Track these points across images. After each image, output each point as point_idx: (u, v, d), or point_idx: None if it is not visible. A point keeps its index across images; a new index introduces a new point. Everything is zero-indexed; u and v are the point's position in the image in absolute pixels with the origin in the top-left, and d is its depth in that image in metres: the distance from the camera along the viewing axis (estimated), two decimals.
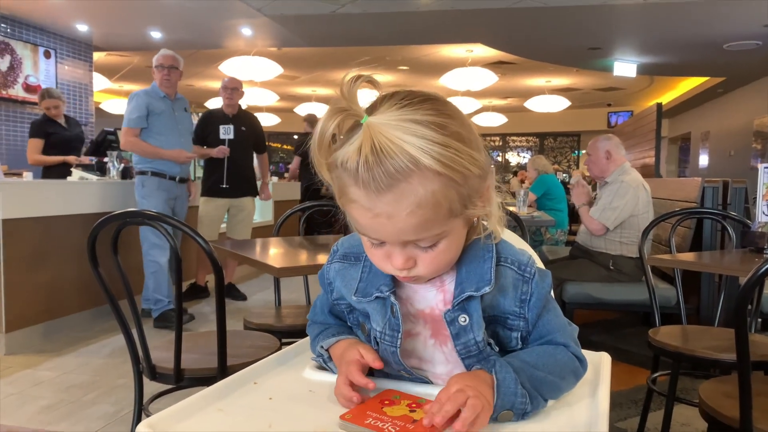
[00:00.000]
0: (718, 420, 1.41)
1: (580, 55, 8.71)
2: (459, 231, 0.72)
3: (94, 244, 1.59)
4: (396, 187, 0.63)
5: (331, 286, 0.84)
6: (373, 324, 0.78)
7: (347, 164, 0.65)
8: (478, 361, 0.75)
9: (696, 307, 3.28)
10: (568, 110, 12.29)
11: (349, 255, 0.82)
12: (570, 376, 0.76)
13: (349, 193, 0.66)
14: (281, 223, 2.62)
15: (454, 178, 0.65)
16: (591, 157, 3.45)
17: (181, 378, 1.67)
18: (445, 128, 0.65)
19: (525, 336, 0.78)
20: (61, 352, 3.31)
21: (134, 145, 3.88)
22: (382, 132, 0.63)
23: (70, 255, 3.70)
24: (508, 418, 0.69)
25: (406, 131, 0.63)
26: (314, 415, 0.70)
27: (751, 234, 2.28)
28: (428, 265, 0.71)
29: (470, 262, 0.76)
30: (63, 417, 2.44)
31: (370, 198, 0.65)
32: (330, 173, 0.69)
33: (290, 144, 19.31)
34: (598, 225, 3.22)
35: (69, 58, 7.67)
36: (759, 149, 9.61)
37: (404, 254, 0.70)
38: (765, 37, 7.27)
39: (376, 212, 0.65)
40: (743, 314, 1.27)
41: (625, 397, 2.71)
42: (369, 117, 0.65)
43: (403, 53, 9.14)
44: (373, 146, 0.63)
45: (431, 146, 0.63)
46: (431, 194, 0.64)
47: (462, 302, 0.74)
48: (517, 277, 0.76)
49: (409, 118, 0.64)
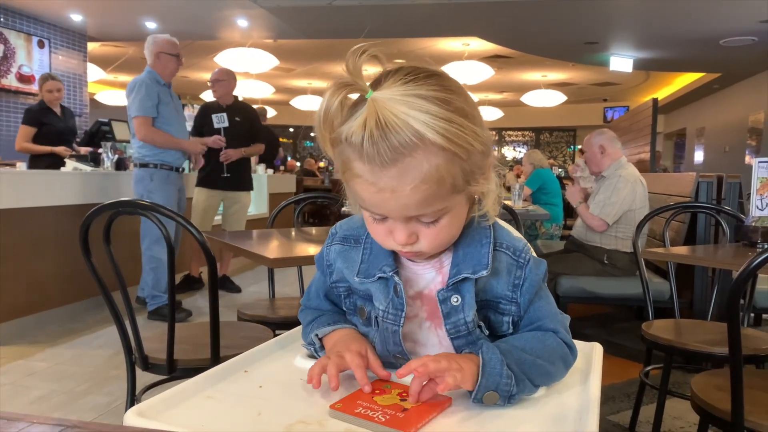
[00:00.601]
0: (709, 413, 1.41)
1: (576, 50, 8.71)
2: (461, 207, 0.72)
3: (86, 234, 1.58)
4: (400, 162, 0.64)
5: (331, 268, 0.84)
6: (375, 303, 0.78)
7: (351, 138, 0.65)
8: (467, 343, 0.76)
9: (689, 301, 3.29)
10: (564, 105, 12.30)
11: (348, 237, 0.83)
12: (559, 362, 0.76)
13: (353, 168, 0.67)
14: (276, 215, 2.62)
15: (458, 154, 0.65)
16: (587, 153, 3.45)
17: (174, 369, 1.67)
18: (450, 104, 0.65)
19: (516, 321, 0.78)
20: (54, 343, 3.30)
21: (154, 134, 3.70)
22: (387, 107, 0.63)
23: (64, 245, 3.68)
24: (493, 400, 0.68)
25: (411, 106, 0.63)
26: (304, 403, 0.69)
27: (745, 228, 2.28)
28: (431, 240, 0.72)
29: (468, 245, 0.76)
30: (55, 408, 2.44)
31: (374, 172, 0.65)
32: (333, 148, 0.69)
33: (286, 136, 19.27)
34: (600, 221, 3.21)
35: (63, 48, 7.62)
36: (753, 145, 9.64)
37: (407, 230, 0.70)
38: (761, 33, 7.28)
39: (380, 186, 0.66)
40: (736, 308, 1.27)
41: (618, 390, 2.72)
42: (374, 92, 0.65)
43: (399, 46, 9.11)
44: (377, 121, 0.63)
45: (436, 121, 0.63)
46: (435, 169, 0.65)
47: (456, 283, 0.75)
48: (512, 262, 0.77)
49: (414, 93, 0.64)
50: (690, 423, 2.34)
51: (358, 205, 0.73)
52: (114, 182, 4.15)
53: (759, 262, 1.24)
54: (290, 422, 0.63)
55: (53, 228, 3.63)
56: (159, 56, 3.81)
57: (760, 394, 1.43)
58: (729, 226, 2.46)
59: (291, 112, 15.00)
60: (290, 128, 19.06)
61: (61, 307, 3.72)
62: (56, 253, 3.66)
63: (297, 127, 18.99)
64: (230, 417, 0.65)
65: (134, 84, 3.73)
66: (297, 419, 0.64)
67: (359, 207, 0.74)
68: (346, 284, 0.82)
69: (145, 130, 3.69)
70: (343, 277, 0.82)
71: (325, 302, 0.87)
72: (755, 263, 1.24)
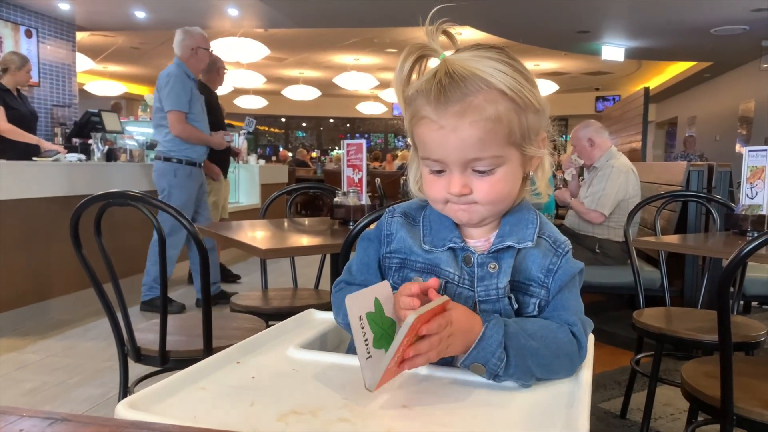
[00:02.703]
0: (699, 399, 1.43)
1: (568, 39, 8.70)
2: (515, 165, 0.78)
3: (77, 226, 1.57)
4: (464, 101, 0.72)
5: (391, 237, 0.85)
6: (447, 270, 0.80)
7: (422, 87, 0.74)
8: (493, 310, 0.78)
9: (680, 290, 3.32)
10: (557, 94, 12.28)
11: (408, 214, 0.86)
12: (565, 358, 0.76)
13: (420, 111, 0.75)
14: (268, 206, 2.61)
15: (517, 102, 0.73)
16: (576, 147, 3.44)
17: (167, 360, 1.66)
18: (512, 66, 0.74)
19: (543, 306, 0.81)
20: (46, 335, 3.29)
21: (191, 131, 3.72)
22: (457, 62, 0.73)
23: (55, 237, 3.66)
24: (479, 372, 0.71)
25: (478, 62, 0.73)
26: (297, 393, 0.69)
27: (735, 217, 2.30)
28: (485, 193, 0.76)
29: (515, 223, 0.81)
30: (47, 400, 2.43)
31: (438, 111, 0.73)
32: (406, 105, 0.77)
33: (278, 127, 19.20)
34: (597, 214, 3.21)
35: (51, 38, 7.53)
36: (744, 134, 9.69)
37: (462, 179, 0.76)
38: (752, 22, 7.29)
39: (441, 124, 0.73)
40: (725, 296, 1.28)
41: (609, 378, 2.74)
42: (446, 55, 0.75)
43: (391, 35, 9.07)
44: (447, 70, 0.72)
45: (499, 73, 0.72)
46: (495, 110, 0.72)
47: (497, 251, 0.79)
48: (550, 249, 0.81)
49: (482, 54, 0.74)
50: (680, 410, 2.36)
51: (420, 159, 0.79)
52: (106, 173, 4.12)
53: (748, 251, 1.25)
54: (283, 412, 0.63)
55: (44, 220, 3.61)
56: (197, 51, 3.81)
57: (749, 380, 1.44)
58: (719, 214, 2.47)
59: (283, 101, 14.93)
60: (282, 118, 18.99)
61: (52, 299, 3.70)
62: (48, 245, 3.64)
63: (289, 117, 18.92)
64: (223, 408, 0.65)
65: (168, 77, 3.69)
66: (290, 409, 0.64)
67: (421, 160, 0.79)
68: (403, 256, 0.84)
69: (181, 126, 3.69)
70: (404, 247, 0.83)
71: (375, 275, 0.86)
72: (745, 251, 1.25)
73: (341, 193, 2.32)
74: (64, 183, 3.77)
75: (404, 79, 0.77)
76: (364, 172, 2.36)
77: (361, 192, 2.33)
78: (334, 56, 11.21)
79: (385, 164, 12.03)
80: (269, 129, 19.19)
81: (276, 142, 19.28)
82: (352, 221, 2.20)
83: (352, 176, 2.37)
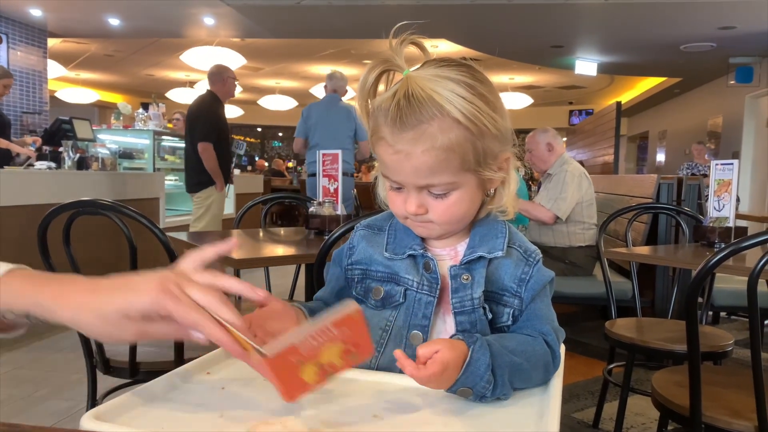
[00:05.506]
0: (669, 409, 1.45)
1: (542, 53, 8.84)
2: (471, 189, 0.78)
3: (44, 235, 1.54)
4: (418, 128, 0.72)
5: (353, 250, 0.86)
6: (407, 277, 0.81)
7: (382, 105, 0.75)
8: (469, 321, 0.79)
9: (651, 300, 3.36)
10: (531, 108, 12.44)
11: (372, 225, 0.88)
12: (542, 369, 0.76)
13: (379, 131, 0.76)
14: (242, 215, 2.59)
15: (472, 131, 0.73)
16: (533, 152, 3.39)
17: (137, 372, 1.63)
18: (473, 88, 0.74)
19: (516, 315, 0.81)
20: (12, 347, 3.20)
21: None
22: (417, 83, 0.73)
23: (22, 246, 3.57)
24: (466, 394, 0.70)
25: (438, 84, 0.72)
26: (267, 404, 0.69)
27: (703, 229, 2.35)
28: (439, 214, 0.78)
29: (484, 234, 0.82)
30: (14, 413, 2.37)
31: (394, 135, 0.74)
32: (368, 117, 0.79)
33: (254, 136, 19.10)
34: (549, 213, 3.19)
35: (22, 44, 7.41)
36: (712, 148, 9.91)
37: (418, 199, 0.77)
38: (719, 40, 7.50)
39: (397, 148, 0.74)
40: (693, 306, 1.30)
41: (582, 388, 2.76)
42: (410, 71, 0.75)
43: (368, 47, 9.11)
44: (406, 92, 0.72)
45: (457, 99, 0.72)
46: (447, 139, 0.72)
47: (469, 262, 0.80)
48: (521, 258, 0.82)
49: (444, 74, 0.73)
50: (651, 419, 2.39)
51: (381, 174, 0.81)
52: (76, 182, 4.04)
53: (715, 262, 1.27)
54: (253, 423, 0.62)
55: (11, 228, 3.53)
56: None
57: (717, 390, 1.47)
58: (688, 226, 2.52)
59: (259, 111, 14.86)
60: (258, 128, 18.89)
61: None
62: (14, 255, 3.54)
63: (265, 127, 18.84)
64: (191, 419, 0.64)
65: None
66: (259, 420, 0.63)
67: (382, 175, 0.81)
68: (364, 266, 0.85)
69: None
70: (364, 257, 0.85)
71: (333, 298, 0.87)
72: (711, 263, 1.27)
73: (316, 203, 2.32)
74: (33, 191, 3.69)
75: (367, 92, 0.78)
76: (340, 183, 2.35)
77: (337, 202, 2.33)
78: (311, 66, 11.21)
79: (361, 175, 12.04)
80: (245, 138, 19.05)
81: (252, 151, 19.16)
82: (327, 231, 2.19)
83: (328, 186, 2.37)
